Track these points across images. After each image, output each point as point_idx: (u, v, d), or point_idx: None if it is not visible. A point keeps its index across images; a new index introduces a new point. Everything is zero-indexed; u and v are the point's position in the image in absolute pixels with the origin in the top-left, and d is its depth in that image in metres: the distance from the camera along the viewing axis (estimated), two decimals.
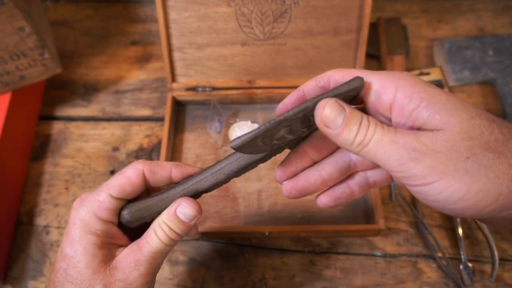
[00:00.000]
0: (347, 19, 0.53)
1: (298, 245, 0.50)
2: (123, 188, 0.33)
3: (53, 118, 0.61)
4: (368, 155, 0.27)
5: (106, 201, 0.33)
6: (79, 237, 0.32)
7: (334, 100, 0.28)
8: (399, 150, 0.26)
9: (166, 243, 0.33)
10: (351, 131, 0.27)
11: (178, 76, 0.57)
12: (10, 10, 0.45)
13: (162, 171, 0.34)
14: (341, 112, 0.27)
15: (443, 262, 0.48)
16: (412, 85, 0.27)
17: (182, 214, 0.33)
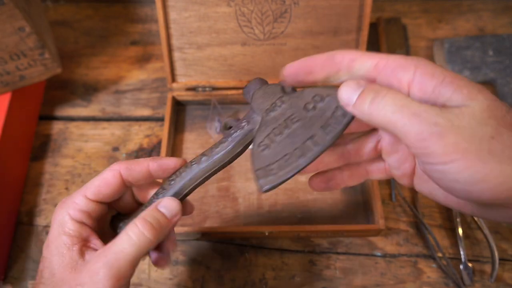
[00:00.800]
0: (347, 19, 0.53)
1: (298, 245, 0.50)
2: (98, 189, 0.33)
3: (53, 118, 0.61)
4: (387, 126, 0.26)
5: (81, 203, 0.33)
6: (53, 238, 0.32)
7: (352, 80, 0.28)
8: (420, 124, 0.24)
9: (138, 242, 0.30)
10: (365, 100, 0.27)
11: (178, 76, 0.57)
12: (10, 10, 0.45)
13: (139, 167, 0.33)
14: (358, 87, 0.27)
15: (443, 262, 0.48)
16: (431, 64, 0.26)
17: (164, 207, 0.32)
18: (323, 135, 0.30)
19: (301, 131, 0.30)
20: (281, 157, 0.30)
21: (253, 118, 0.33)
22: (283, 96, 0.32)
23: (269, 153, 0.31)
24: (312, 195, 0.53)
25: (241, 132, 0.33)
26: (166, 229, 0.32)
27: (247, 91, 0.35)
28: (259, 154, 0.31)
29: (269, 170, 0.30)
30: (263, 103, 0.33)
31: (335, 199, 0.53)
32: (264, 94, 0.33)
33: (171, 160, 0.34)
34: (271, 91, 0.33)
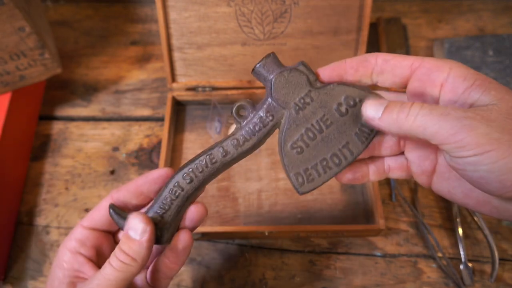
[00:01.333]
0: (347, 19, 0.53)
1: (298, 245, 0.50)
2: (91, 216, 0.33)
3: (53, 118, 0.61)
4: (417, 130, 0.27)
5: (76, 231, 0.33)
6: (51, 272, 0.33)
7: (372, 99, 0.30)
8: (451, 121, 0.26)
9: (117, 269, 0.30)
10: (392, 113, 0.28)
11: (178, 76, 0.57)
12: (10, 10, 0.45)
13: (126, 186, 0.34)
14: (382, 104, 0.29)
15: (443, 262, 0.48)
16: (465, 67, 0.28)
17: (132, 230, 0.30)
18: (357, 143, 0.31)
19: (336, 136, 0.31)
20: (318, 162, 0.31)
21: (277, 112, 0.31)
22: (312, 91, 0.31)
23: (303, 157, 0.31)
24: (312, 195, 0.53)
25: (266, 130, 0.32)
26: (142, 250, 0.30)
27: (261, 72, 0.32)
28: (293, 156, 0.31)
29: (308, 175, 0.31)
30: (289, 95, 0.31)
31: (335, 199, 0.53)
32: (288, 84, 0.31)
33: (156, 171, 0.33)
34: (296, 81, 0.31)
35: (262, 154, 0.56)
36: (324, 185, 0.53)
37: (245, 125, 0.32)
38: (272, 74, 0.31)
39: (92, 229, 0.33)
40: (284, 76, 0.31)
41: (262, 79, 0.32)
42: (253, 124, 0.32)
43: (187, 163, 0.32)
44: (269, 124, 0.32)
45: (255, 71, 0.32)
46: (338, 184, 0.53)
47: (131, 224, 0.31)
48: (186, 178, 0.32)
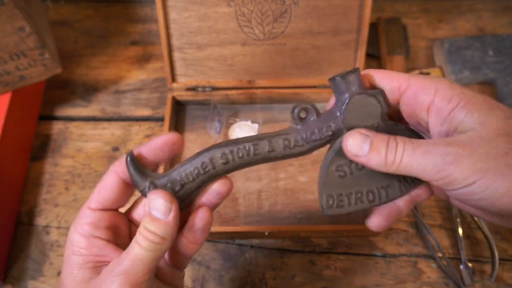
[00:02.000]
0: (347, 19, 0.53)
1: (298, 245, 0.50)
2: (98, 195, 0.31)
3: (53, 118, 0.61)
4: (405, 171, 0.28)
5: (86, 216, 0.31)
6: (65, 260, 0.30)
7: (355, 131, 0.29)
8: (433, 158, 0.26)
9: (147, 248, 0.28)
10: (380, 153, 0.28)
11: (178, 76, 0.57)
12: (10, 10, 0.45)
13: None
14: (366, 139, 0.29)
15: (443, 262, 0.48)
16: (451, 88, 0.28)
17: (155, 210, 0.29)
18: (396, 190, 0.31)
19: (381, 175, 0.30)
20: (353, 192, 0.31)
21: (339, 130, 0.30)
22: (379, 125, 0.30)
23: (343, 182, 0.31)
24: (312, 195, 0.53)
25: (320, 142, 0.31)
26: (169, 228, 0.29)
27: (340, 86, 0.30)
28: (333, 178, 0.31)
29: (339, 201, 0.31)
30: (357, 120, 0.30)
31: None
32: (362, 109, 0.30)
33: (159, 138, 0.31)
34: (370, 109, 0.30)
35: None
36: None
37: (302, 130, 0.31)
38: (349, 93, 0.30)
39: (102, 210, 0.31)
40: (361, 100, 0.30)
41: (337, 92, 0.31)
42: (310, 132, 0.31)
43: (228, 143, 0.31)
44: (326, 138, 0.31)
45: (335, 81, 0.30)
46: None
47: (154, 204, 0.29)
48: (222, 158, 0.30)
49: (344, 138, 0.30)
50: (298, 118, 0.31)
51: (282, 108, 0.59)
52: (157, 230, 0.29)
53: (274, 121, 0.58)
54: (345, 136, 0.30)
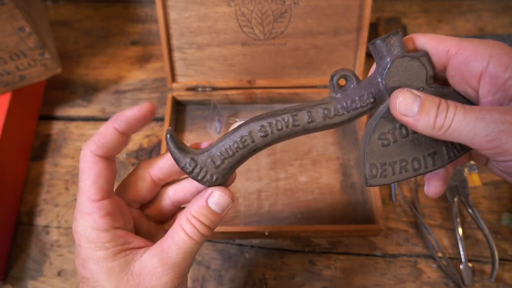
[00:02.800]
0: (347, 19, 0.53)
1: (298, 245, 0.50)
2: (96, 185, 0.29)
3: (53, 118, 0.61)
4: (452, 136, 0.26)
5: (95, 210, 0.29)
6: (89, 257, 0.29)
7: (406, 90, 0.28)
8: (487, 125, 0.25)
9: (196, 240, 0.29)
10: (430, 115, 0.26)
11: (178, 76, 0.57)
12: (10, 10, 0.45)
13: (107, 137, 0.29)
14: (416, 99, 0.27)
15: (443, 262, 0.48)
16: (508, 54, 0.26)
17: (215, 204, 0.30)
18: (443, 157, 0.30)
19: (427, 142, 0.29)
20: (397, 161, 0.30)
21: (381, 97, 0.29)
22: (424, 89, 0.29)
23: (387, 151, 0.30)
24: (312, 195, 0.53)
25: (362, 110, 0.29)
26: (219, 222, 0.31)
27: (381, 49, 0.29)
28: (376, 147, 0.30)
29: (383, 170, 0.30)
30: (400, 85, 0.29)
31: (335, 199, 0.52)
32: (404, 72, 0.28)
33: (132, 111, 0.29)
34: (414, 72, 0.28)
35: (262, 154, 0.56)
36: (324, 185, 0.54)
37: (342, 98, 0.29)
38: (391, 57, 0.28)
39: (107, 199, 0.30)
40: (404, 63, 0.28)
41: (377, 56, 0.29)
42: (351, 100, 0.29)
43: (267, 115, 0.30)
44: (367, 105, 0.29)
45: (375, 45, 0.29)
46: (338, 184, 0.53)
47: (217, 199, 0.30)
48: (261, 131, 0.29)
49: (392, 96, 0.28)
50: (337, 86, 0.30)
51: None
52: (209, 222, 0.29)
53: None
54: (394, 94, 0.28)
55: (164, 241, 0.29)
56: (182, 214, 0.30)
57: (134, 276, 0.28)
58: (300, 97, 0.58)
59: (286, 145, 0.56)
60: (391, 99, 0.28)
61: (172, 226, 0.30)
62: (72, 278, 0.49)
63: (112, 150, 0.30)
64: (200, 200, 0.30)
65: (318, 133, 0.57)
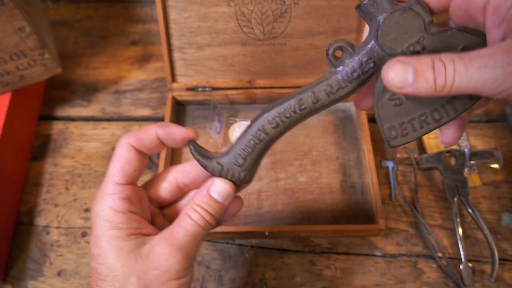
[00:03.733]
0: (347, 19, 0.53)
1: (298, 245, 0.50)
2: (123, 170, 0.31)
3: (53, 118, 0.61)
4: (459, 91, 0.25)
5: (116, 191, 0.31)
6: (102, 235, 0.30)
7: (395, 61, 0.26)
8: (492, 72, 0.24)
9: (202, 225, 0.31)
10: (427, 79, 0.25)
11: (178, 76, 0.57)
12: (10, 10, 0.45)
13: (148, 136, 0.32)
14: (407, 67, 0.26)
15: (443, 262, 0.48)
16: None
17: (216, 193, 0.31)
18: (464, 100, 0.28)
19: None
20: (416, 116, 0.29)
21: (381, 59, 0.28)
22: (425, 38, 0.27)
23: (401, 110, 0.29)
24: (312, 195, 0.53)
25: (365, 77, 0.29)
26: (222, 210, 0.32)
27: (368, 10, 0.28)
28: (389, 108, 0.29)
29: (403, 129, 0.29)
30: (397, 41, 0.27)
31: (335, 199, 0.53)
32: (398, 28, 0.27)
33: (178, 131, 0.33)
34: (408, 24, 0.27)
35: None
36: (324, 185, 0.54)
37: (341, 70, 0.29)
38: (382, 15, 0.27)
39: (130, 185, 0.32)
40: (395, 18, 0.27)
41: (367, 18, 0.28)
42: (351, 70, 0.29)
43: (273, 107, 0.31)
44: (369, 71, 0.29)
45: (361, 8, 0.28)
46: (338, 184, 0.53)
47: (218, 188, 0.31)
48: (271, 123, 0.30)
49: (383, 72, 0.27)
50: (333, 59, 0.29)
51: None
52: (213, 210, 0.31)
53: None
54: (383, 70, 0.27)
55: (172, 227, 0.31)
56: (188, 203, 0.32)
57: (142, 257, 0.30)
58: None
59: (286, 145, 0.56)
60: (382, 76, 0.27)
61: (179, 215, 0.31)
62: (72, 278, 0.49)
63: (146, 147, 0.32)
64: (202, 190, 0.32)
65: (318, 133, 0.57)
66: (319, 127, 0.58)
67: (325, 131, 0.57)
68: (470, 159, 0.52)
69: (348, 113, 0.59)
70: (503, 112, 0.58)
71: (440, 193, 0.53)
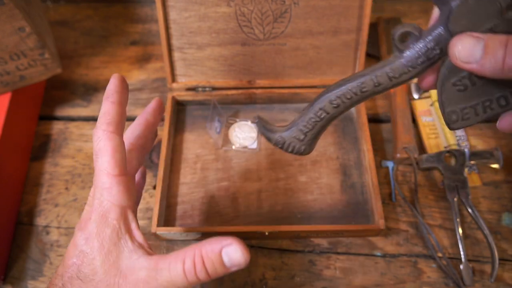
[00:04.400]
0: (347, 19, 0.53)
1: (298, 245, 0.50)
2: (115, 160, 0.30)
3: (53, 118, 0.61)
4: None
5: (113, 185, 0.30)
6: (95, 233, 0.29)
7: (465, 35, 0.25)
8: None
9: (189, 280, 0.28)
10: (497, 57, 0.24)
11: (178, 76, 0.57)
12: (10, 10, 0.45)
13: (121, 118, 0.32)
14: (478, 42, 0.25)
15: (443, 262, 0.48)
16: None
17: (228, 257, 0.28)
18: None
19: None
20: (480, 102, 0.29)
21: (446, 42, 0.27)
22: (499, 24, 0.26)
23: (465, 95, 0.29)
24: (312, 195, 0.53)
25: (429, 63, 0.28)
26: (222, 275, 0.29)
27: None
28: (452, 93, 0.29)
29: (464, 114, 0.29)
30: (468, 28, 0.26)
31: (335, 199, 0.53)
32: (472, 14, 0.26)
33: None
34: (483, 10, 0.25)
35: (262, 154, 0.56)
36: (324, 185, 0.54)
37: (407, 56, 0.29)
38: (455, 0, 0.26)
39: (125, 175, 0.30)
40: (469, 4, 0.25)
41: (439, 2, 0.27)
42: (416, 55, 0.28)
43: (335, 87, 0.31)
44: (435, 57, 0.28)
45: None
46: (338, 184, 0.53)
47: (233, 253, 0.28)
48: (333, 103, 0.32)
49: (451, 45, 0.26)
50: (399, 43, 0.29)
51: (282, 108, 0.59)
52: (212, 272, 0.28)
53: (274, 121, 0.58)
54: (452, 42, 0.26)
55: (162, 261, 0.28)
56: (194, 246, 0.28)
57: (121, 275, 0.28)
58: (300, 97, 0.58)
59: None
60: (449, 49, 0.26)
61: (179, 251, 0.29)
62: None
63: (119, 123, 0.32)
64: (216, 245, 0.28)
65: None
66: None
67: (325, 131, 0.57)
68: (470, 159, 0.52)
69: (348, 113, 0.59)
70: None
71: (440, 193, 0.53)
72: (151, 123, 0.40)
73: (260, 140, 0.57)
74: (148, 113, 0.40)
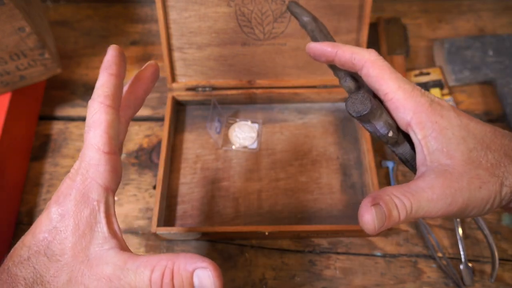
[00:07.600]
0: (347, 19, 0.53)
1: (298, 245, 0.50)
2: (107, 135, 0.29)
3: (53, 118, 0.61)
4: (418, 216, 0.28)
5: (102, 163, 0.28)
6: (73, 211, 0.27)
7: (364, 209, 0.28)
8: (436, 203, 0.28)
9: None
10: (392, 220, 0.28)
11: (178, 76, 0.57)
12: (10, 10, 0.45)
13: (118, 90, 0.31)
14: (381, 217, 0.28)
15: (443, 262, 0.48)
16: (427, 114, 0.29)
17: (199, 280, 0.26)
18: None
19: None
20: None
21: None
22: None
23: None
24: (312, 195, 0.53)
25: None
26: None
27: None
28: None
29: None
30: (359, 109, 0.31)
31: (335, 199, 0.53)
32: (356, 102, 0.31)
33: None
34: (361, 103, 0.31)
35: (262, 154, 0.56)
36: (324, 185, 0.54)
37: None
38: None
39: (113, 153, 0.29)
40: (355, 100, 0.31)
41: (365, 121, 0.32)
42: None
43: None
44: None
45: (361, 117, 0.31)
46: (338, 184, 0.53)
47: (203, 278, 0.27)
48: None
49: (359, 216, 0.28)
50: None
51: (282, 108, 0.59)
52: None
53: (274, 121, 0.58)
54: (359, 214, 0.29)
55: (131, 262, 0.27)
56: (169, 256, 0.27)
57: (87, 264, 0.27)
58: (300, 97, 0.58)
59: (286, 145, 0.56)
60: (359, 219, 0.29)
61: (152, 257, 0.27)
62: None
63: (117, 97, 0.30)
64: (190, 263, 0.27)
65: (318, 133, 0.57)
66: (319, 127, 0.58)
67: (325, 131, 0.57)
68: None
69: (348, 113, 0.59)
70: (503, 112, 0.58)
71: None
72: (143, 92, 0.35)
73: (260, 140, 0.57)
74: (141, 80, 0.35)
